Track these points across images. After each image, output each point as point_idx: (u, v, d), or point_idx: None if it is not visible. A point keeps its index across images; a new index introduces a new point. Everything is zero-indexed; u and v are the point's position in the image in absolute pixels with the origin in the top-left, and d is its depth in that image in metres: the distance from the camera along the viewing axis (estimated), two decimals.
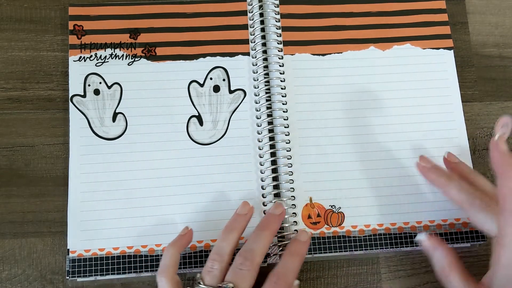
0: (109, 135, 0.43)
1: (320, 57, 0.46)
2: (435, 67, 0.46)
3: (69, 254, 0.40)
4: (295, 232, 0.41)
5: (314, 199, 0.42)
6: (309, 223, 0.42)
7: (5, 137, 0.43)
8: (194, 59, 0.45)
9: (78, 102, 0.43)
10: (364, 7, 0.47)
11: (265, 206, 0.42)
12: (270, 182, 0.42)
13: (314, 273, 0.42)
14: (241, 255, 0.36)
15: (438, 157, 0.43)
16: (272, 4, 0.46)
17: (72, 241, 0.40)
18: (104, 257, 0.40)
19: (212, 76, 0.45)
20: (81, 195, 0.41)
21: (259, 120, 0.44)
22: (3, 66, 0.45)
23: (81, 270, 0.39)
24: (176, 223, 0.41)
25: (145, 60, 0.45)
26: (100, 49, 0.45)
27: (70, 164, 0.42)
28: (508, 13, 0.50)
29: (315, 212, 0.42)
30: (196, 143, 0.43)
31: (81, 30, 0.45)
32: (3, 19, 0.46)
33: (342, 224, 0.42)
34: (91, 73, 0.44)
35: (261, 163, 0.43)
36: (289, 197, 0.42)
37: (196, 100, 0.44)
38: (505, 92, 0.47)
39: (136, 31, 0.45)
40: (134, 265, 0.40)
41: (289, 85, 0.45)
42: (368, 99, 0.45)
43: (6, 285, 0.40)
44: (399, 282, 0.42)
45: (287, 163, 0.43)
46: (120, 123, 0.43)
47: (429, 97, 0.45)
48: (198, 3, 0.46)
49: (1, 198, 0.42)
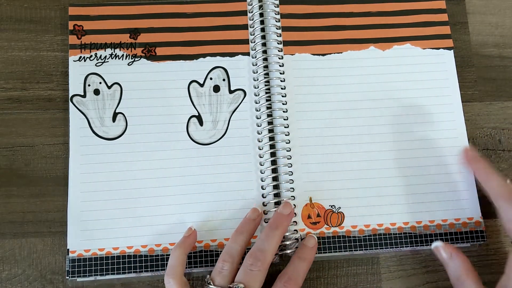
0: (109, 135, 0.43)
1: (320, 57, 0.46)
2: (435, 67, 0.46)
3: (69, 254, 0.40)
4: (295, 232, 0.41)
5: (314, 199, 0.42)
6: (309, 223, 0.42)
7: (5, 137, 0.43)
8: (194, 59, 0.45)
9: (78, 102, 0.43)
10: (364, 7, 0.47)
11: (265, 206, 0.42)
12: (270, 182, 0.42)
13: (314, 273, 0.42)
14: (252, 255, 0.36)
15: (438, 157, 0.43)
16: (272, 4, 0.46)
17: (72, 241, 0.40)
18: (104, 257, 0.40)
19: (212, 76, 0.45)
20: (81, 195, 0.41)
21: (259, 120, 0.44)
22: (3, 66, 0.45)
23: (81, 270, 0.40)
24: (176, 223, 0.41)
25: (145, 60, 0.45)
26: (100, 49, 0.45)
27: (70, 164, 0.42)
28: (508, 13, 0.50)
29: (315, 212, 0.42)
30: (196, 143, 0.43)
31: (81, 30, 0.45)
32: (3, 19, 0.46)
33: (342, 224, 0.42)
34: (91, 73, 0.44)
35: (261, 163, 0.43)
36: (289, 197, 0.42)
37: (196, 100, 0.44)
38: (505, 92, 0.47)
39: (136, 31, 0.45)
40: (134, 265, 0.40)
41: (289, 85, 0.45)
42: (368, 99, 0.45)
43: (6, 285, 0.40)
44: (399, 282, 0.42)
45: (287, 163, 0.43)
46: (120, 123, 0.43)
47: (428, 97, 0.45)
48: (198, 3, 0.46)
49: (1, 198, 0.42)
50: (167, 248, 0.40)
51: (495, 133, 0.46)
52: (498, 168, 0.45)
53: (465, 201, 0.43)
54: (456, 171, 0.43)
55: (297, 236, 0.41)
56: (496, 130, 0.46)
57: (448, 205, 0.42)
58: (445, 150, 0.44)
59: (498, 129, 0.46)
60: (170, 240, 0.40)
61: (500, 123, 0.46)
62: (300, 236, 0.41)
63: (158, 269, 0.40)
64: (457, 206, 0.43)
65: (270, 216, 0.41)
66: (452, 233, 0.42)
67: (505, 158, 0.46)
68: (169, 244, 0.40)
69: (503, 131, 0.46)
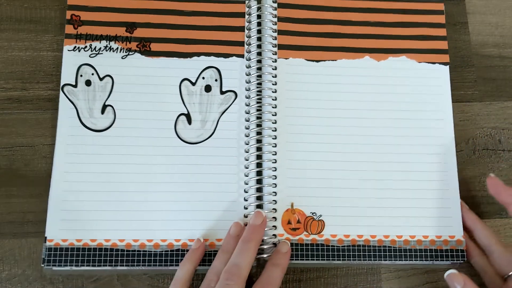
0: (97, 127, 0.43)
1: (314, 63, 0.45)
2: (429, 81, 0.46)
3: (46, 242, 0.40)
4: (273, 237, 0.41)
5: (296, 204, 0.42)
6: (289, 228, 0.42)
7: (5, 137, 0.43)
8: (188, 57, 0.45)
9: (69, 92, 0.43)
10: (364, 16, 0.47)
11: (246, 209, 0.42)
12: (253, 184, 0.42)
13: (314, 273, 0.42)
14: (227, 271, 0.36)
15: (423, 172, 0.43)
16: (271, 7, 0.46)
17: (51, 229, 0.40)
18: (80, 248, 0.40)
19: (204, 75, 0.45)
20: (63, 184, 0.41)
21: (247, 123, 0.43)
22: (3, 66, 0.45)
23: (57, 259, 0.40)
24: (157, 220, 0.41)
25: (139, 55, 0.45)
26: (95, 41, 0.45)
27: (55, 153, 0.42)
28: (508, 13, 0.50)
29: (295, 218, 0.42)
30: (182, 141, 0.43)
31: (78, 20, 0.45)
32: (3, 19, 0.46)
33: (322, 232, 0.42)
34: (84, 64, 0.44)
35: (246, 166, 0.43)
36: (271, 201, 0.42)
37: (186, 99, 0.44)
38: (505, 92, 0.47)
39: (132, 25, 0.45)
40: (110, 259, 0.40)
41: (281, 89, 0.44)
42: (359, 109, 0.44)
43: (6, 285, 0.40)
44: (399, 282, 0.42)
45: (271, 167, 0.42)
46: (109, 116, 0.43)
47: (419, 111, 0.45)
48: (197, 2, 0.46)
49: (1, 198, 0.42)
50: (144, 244, 0.40)
51: (495, 133, 0.46)
52: (498, 168, 0.45)
53: (448, 218, 0.42)
54: (441, 187, 0.43)
55: (275, 241, 0.41)
56: (496, 130, 0.46)
57: (431, 221, 0.42)
58: (432, 166, 0.44)
59: (498, 129, 0.46)
60: (148, 237, 0.40)
61: (500, 123, 0.46)
62: (278, 241, 0.41)
63: (133, 264, 0.40)
64: (439, 223, 0.42)
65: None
66: (432, 249, 0.41)
67: (505, 158, 0.46)
68: (146, 241, 0.40)
69: (503, 131, 0.46)
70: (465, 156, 0.46)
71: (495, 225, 0.44)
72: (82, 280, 0.40)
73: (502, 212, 0.44)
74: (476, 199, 0.45)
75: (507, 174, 0.45)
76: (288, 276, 0.41)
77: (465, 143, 0.46)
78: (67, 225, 0.40)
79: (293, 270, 0.42)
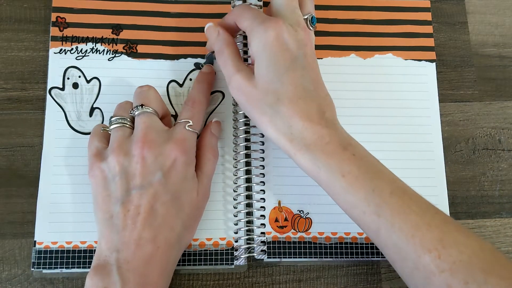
0: (85, 130, 0.43)
1: None
2: (415, 78, 0.46)
3: (36, 246, 0.40)
4: (262, 235, 0.41)
5: (283, 202, 0.42)
6: (276, 226, 0.42)
7: (5, 137, 0.43)
8: (175, 59, 0.45)
9: (56, 95, 0.43)
10: (349, 14, 0.47)
11: (235, 209, 0.42)
12: (242, 183, 0.42)
13: (314, 273, 0.42)
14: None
15: (411, 169, 0.43)
16: (256, 6, 0.45)
17: (40, 232, 0.40)
18: (70, 251, 0.40)
19: (192, 77, 0.45)
20: (52, 187, 0.41)
21: (235, 122, 0.43)
22: (2, 66, 0.45)
23: (47, 262, 0.40)
24: None
25: (125, 57, 0.45)
26: (81, 43, 0.45)
27: (43, 156, 0.42)
28: (508, 13, 0.50)
29: (283, 216, 0.42)
30: None
31: (63, 22, 0.45)
32: (3, 19, 0.46)
33: (309, 230, 0.42)
34: (70, 66, 0.44)
35: (235, 165, 0.43)
36: (259, 199, 0.42)
37: (174, 100, 0.44)
38: (505, 92, 0.47)
39: (118, 27, 0.45)
40: None
41: None
42: (345, 106, 0.44)
43: (6, 285, 0.40)
44: (399, 282, 0.42)
45: (259, 165, 0.42)
46: (97, 118, 0.43)
47: (406, 109, 0.45)
48: (183, 3, 0.46)
49: (1, 198, 0.42)
50: None
51: (495, 133, 0.46)
52: (498, 168, 0.45)
53: None
54: (429, 184, 0.43)
55: (263, 239, 0.41)
56: (496, 130, 0.46)
57: None
58: (419, 163, 0.43)
59: (498, 129, 0.46)
60: None
61: (500, 123, 0.46)
62: (266, 239, 0.41)
63: None
64: None
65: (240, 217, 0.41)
66: None
67: (505, 158, 0.46)
68: None
69: (503, 131, 0.46)
70: (465, 156, 0.45)
71: (495, 225, 0.44)
72: (82, 280, 0.40)
73: (502, 212, 0.44)
74: (476, 199, 0.44)
75: (507, 174, 0.45)
76: (288, 276, 0.41)
77: (465, 143, 0.46)
78: (56, 227, 0.41)
79: (293, 270, 0.42)
